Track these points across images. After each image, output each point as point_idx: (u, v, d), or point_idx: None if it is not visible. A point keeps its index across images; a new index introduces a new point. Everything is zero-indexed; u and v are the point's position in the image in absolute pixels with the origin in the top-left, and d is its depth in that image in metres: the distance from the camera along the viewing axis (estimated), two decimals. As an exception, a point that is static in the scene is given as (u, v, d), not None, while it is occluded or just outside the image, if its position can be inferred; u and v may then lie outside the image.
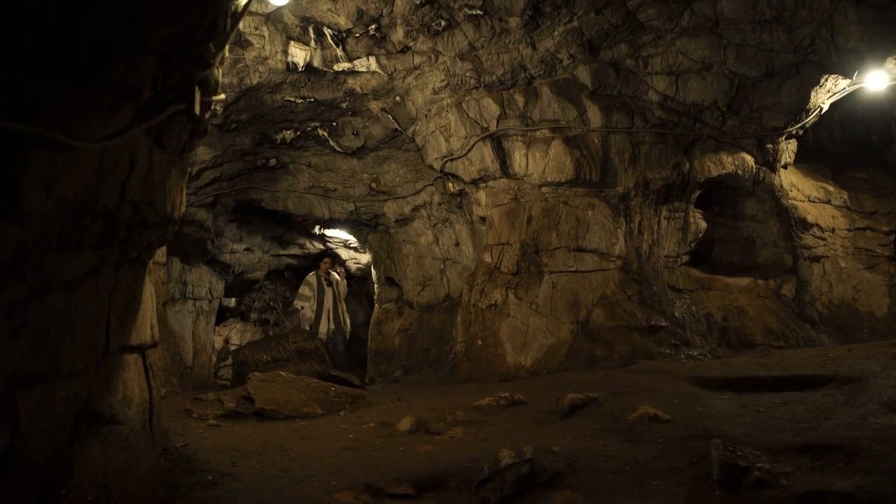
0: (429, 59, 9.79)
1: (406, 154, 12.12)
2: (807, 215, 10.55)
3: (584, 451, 4.85)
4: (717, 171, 10.03)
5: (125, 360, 4.54)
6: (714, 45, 9.11)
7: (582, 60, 9.48)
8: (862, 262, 10.65)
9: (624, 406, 5.73)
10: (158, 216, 4.11)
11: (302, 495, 4.18)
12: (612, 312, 9.24)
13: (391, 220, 12.99)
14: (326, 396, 6.95)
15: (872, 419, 4.78)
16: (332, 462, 4.88)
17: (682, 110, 9.65)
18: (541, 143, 9.65)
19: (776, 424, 4.99)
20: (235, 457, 4.88)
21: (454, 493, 4.53)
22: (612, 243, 9.54)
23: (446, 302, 12.44)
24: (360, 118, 11.31)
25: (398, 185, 12.54)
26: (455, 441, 5.42)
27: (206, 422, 6.26)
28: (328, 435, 5.71)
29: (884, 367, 6.00)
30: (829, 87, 9.52)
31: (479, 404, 6.30)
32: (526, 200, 9.84)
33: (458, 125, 10.14)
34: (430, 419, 5.91)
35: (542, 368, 8.98)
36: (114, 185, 3.43)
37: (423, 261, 12.92)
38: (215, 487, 4.17)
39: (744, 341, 9.51)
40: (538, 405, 6.24)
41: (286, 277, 20.00)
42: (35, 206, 2.87)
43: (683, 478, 4.33)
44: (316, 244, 15.77)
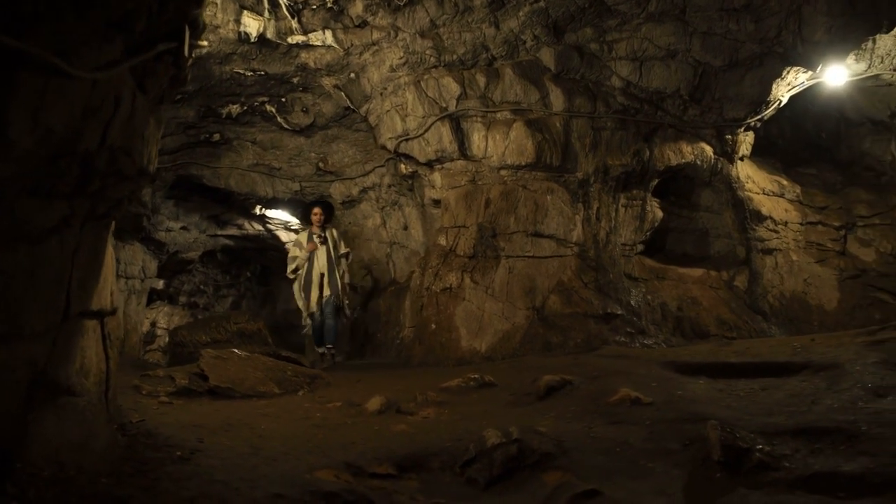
0: (388, 35, 9.51)
1: (356, 134, 11.82)
2: (761, 208, 10.60)
3: (570, 432, 4.67)
4: (676, 159, 9.98)
5: (85, 326, 4.20)
6: (680, 32, 9.03)
7: (546, 43, 9.32)
8: (813, 257, 10.74)
9: (601, 389, 5.58)
10: (134, 168, 3.77)
11: (280, 472, 3.91)
12: (569, 299, 9.10)
13: (337, 202, 12.66)
14: (284, 376, 6.65)
15: (862, 403, 4.72)
16: (305, 440, 4.62)
17: (644, 97, 9.58)
18: (501, 125, 9.46)
19: (763, 408, 4.90)
20: (200, 433, 4.57)
21: (437, 474, 4.32)
22: (570, 229, 9.41)
23: (392, 286, 12.18)
24: (310, 95, 10.97)
25: (347, 166, 12.22)
26: (429, 421, 5.21)
27: (157, 398, 5.91)
28: (294, 413, 5.43)
29: (857, 355, 5.97)
30: (790, 80, 9.56)
31: (447, 386, 6.09)
32: (484, 183, 9.64)
33: (416, 104, 9.88)
34: (399, 400, 5.68)
35: (496, 354, 8.80)
36: (97, 126, 3.11)
37: (369, 244, 12.63)
38: (188, 463, 3.87)
39: (698, 331, 9.49)
40: (509, 387, 6.06)
41: (219, 260, 19.49)
42: (20, 137, 2.55)
43: (679, 459, 4.19)
44: (255, 225, 15.31)
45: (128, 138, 3.49)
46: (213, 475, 3.70)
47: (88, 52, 2.78)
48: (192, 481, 3.56)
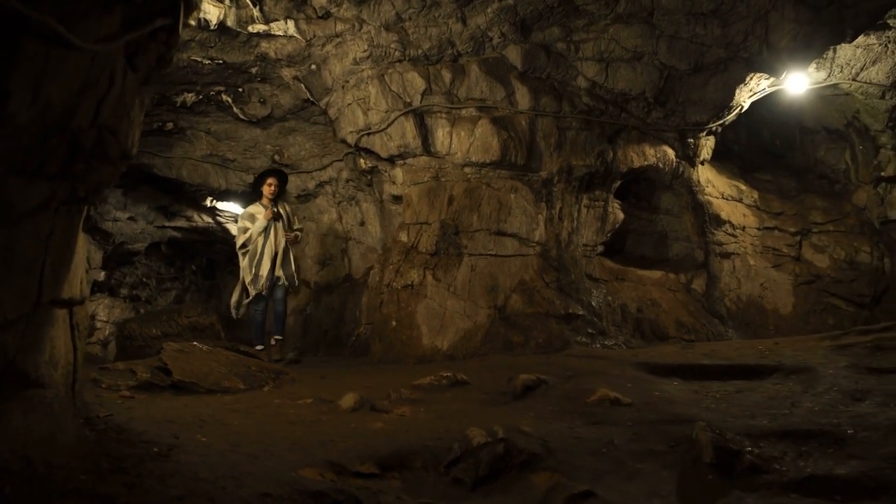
0: (352, 27, 9.35)
1: (314, 127, 11.64)
2: (720, 212, 10.69)
3: (553, 432, 4.61)
4: (639, 161, 10.00)
5: (55, 315, 4.01)
6: (647, 34, 9.05)
7: (513, 40, 9.26)
8: (769, 261, 10.86)
9: (578, 389, 5.53)
10: (119, 150, 3.60)
11: (265, 471, 3.76)
12: (531, 299, 9.06)
13: (292, 196, 12.44)
14: (248, 371, 6.47)
15: (842, 407, 4.74)
16: (283, 437, 4.47)
17: (609, 98, 9.58)
18: (466, 121, 9.38)
19: (743, 410, 4.89)
20: (174, 429, 4.39)
21: (420, 473, 4.21)
22: (533, 228, 9.36)
23: (347, 282, 12.03)
24: (269, 85, 10.76)
25: (303, 159, 12.03)
26: (406, 419, 5.09)
27: (118, 392, 5.70)
28: (265, 410, 5.27)
29: (826, 359, 6.03)
30: (753, 86, 9.65)
31: (419, 383, 5.97)
32: (447, 180, 9.55)
33: (380, 98, 9.74)
34: (372, 397, 5.55)
35: (458, 352, 8.72)
36: (90, 103, 2.94)
37: (324, 239, 12.45)
38: (168, 460, 3.70)
39: (657, 333, 9.52)
40: (482, 386, 5.98)
41: (163, 252, 19.06)
42: (20, 110, 2.39)
43: (667, 461, 4.15)
44: (205, 217, 15.00)
45: (117, 119, 3.32)
46: (196, 473, 3.54)
47: (89, 23, 2.62)
48: (176, 479, 3.41)
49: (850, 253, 10.96)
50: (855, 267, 10.85)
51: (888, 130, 11.12)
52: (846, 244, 11.01)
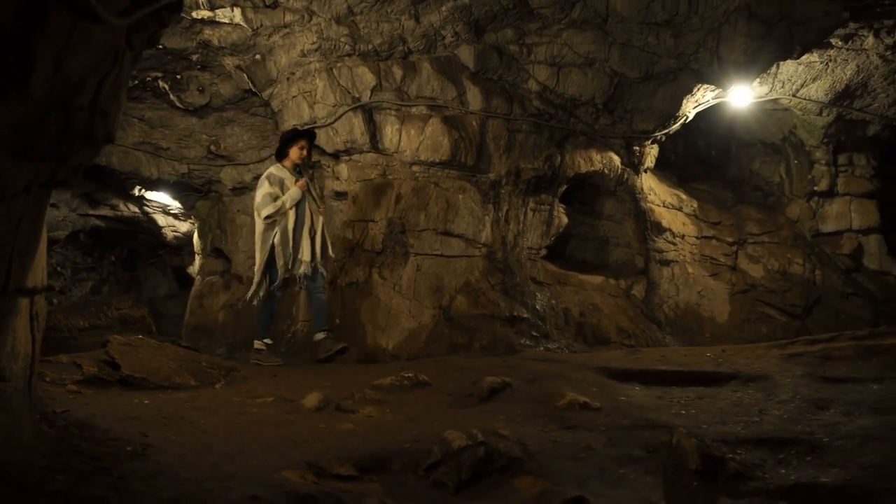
0: (301, 18, 9.18)
1: (253, 118, 11.38)
2: (662, 220, 10.83)
3: (529, 436, 4.56)
4: (586, 167, 10.06)
5: (19, 304, 3.79)
6: (600, 41, 9.11)
7: (466, 40, 9.21)
8: (707, 270, 11.06)
9: (544, 392, 5.50)
10: (105, 132, 3.39)
11: (246, 472, 3.62)
12: (476, 300, 9.02)
13: (227, 188, 12.13)
14: (199, 366, 6.25)
15: (809, 415, 4.82)
16: (254, 437, 4.32)
17: (559, 103, 9.61)
18: (417, 119, 9.29)
19: (713, 417, 4.93)
20: (140, 427, 4.20)
21: (398, 476, 4.11)
22: (480, 230, 9.33)
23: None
24: (209, 74, 10.49)
25: (241, 151, 11.73)
26: (374, 420, 4.98)
27: (64, 387, 5.43)
28: (228, 408, 5.09)
29: (781, 368, 6.14)
30: (699, 97, 9.81)
31: (379, 383, 5.86)
32: (395, 178, 9.44)
33: (327, 92, 9.57)
34: (335, 397, 5.42)
35: (403, 352, 8.63)
36: (95, 80, 2.75)
37: (259, 234, 12.16)
38: (146, 460, 3.53)
39: (599, 338, 9.59)
40: (445, 388, 5.90)
41: (81, 241, 18.42)
42: (41, 84, 2.22)
43: (648, 467, 4.14)
44: (132, 207, 14.52)
45: (110, 99, 3.13)
46: (179, 474, 3.38)
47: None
48: (161, 481, 3.24)
49: (783, 264, 11.25)
50: (788, 278, 11.15)
51: (823, 146, 11.48)
52: (780, 255, 11.30)
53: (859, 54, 9.52)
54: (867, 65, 9.77)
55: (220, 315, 12.24)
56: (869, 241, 11.61)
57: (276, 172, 8.37)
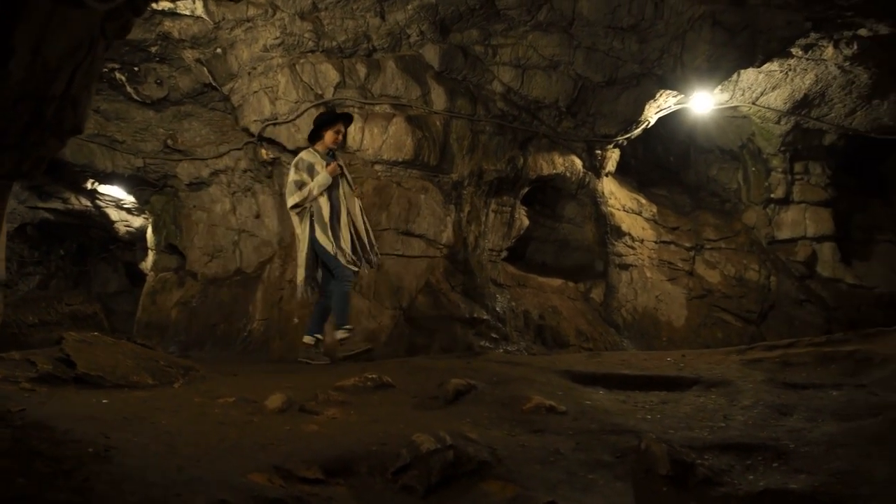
0: (265, 12, 9.07)
1: (212, 113, 11.19)
2: (621, 224, 10.89)
3: (496, 439, 4.50)
4: (548, 169, 10.07)
5: (-23, 298, 3.67)
6: (565, 44, 9.13)
7: (431, 39, 9.17)
8: (665, 275, 11.14)
9: (509, 395, 5.45)
10: (73, 123, 3.28)
11: (213, 475, 3.52)
12: (436, 301, 8.98)
13: (183, 183, 11.92)
14: (157, 365, 6.10)
15: (773, 421, 4.82)
16: (218, 439, 4.21)
17: (523, 105, 9.60)
18: (380, 118, 9.21)
19: (679, 422, 4.91)
20: (100, 427, 4.06)
21: (366, 479, 4.03)
22: (441, 230, 9.28)
23: (238, 276, 11.60)
24: (168, 66, 10.30)
25: (198, 146, 11.54)
26: (339, 422, 4.89)
27: (18, 385, 5.25)
28: (189, 409, 4.97)
29: (742, 374, 6.15)
30: (661, 102, 9.87)
31: (342, 385, 5.76)
32: (357, 176, 9.31)
33: (290, 88, 9.45)
34: (298, 398, 5.31)
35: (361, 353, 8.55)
36: (69, 68, 2.66)
37: (215, 230, 11.97)
38: (110, 462, 3.41)
39: (558, 340, 9.60)
40: (409, 389, 5.82)
41: (28, 234, 17.98)
42: (19, 70, 2.13)
43: (617, 472, 4.11)
44: (83, 200, 14.20)
45: (82, 88, 3.03)
46: (145, 478, 3.27)
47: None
48: (129, 485, 3.13)
49: (739, 270, 11.38)
50: (744, 284, 11.28)
51: (780, 154, 11.63)
52: (736, 261, 11.43)
53: (818, 64, 9.65)
54: (826, 75, 9.91)
55: (173, 312, 12.06)
56: (823, 248, 11.80)
57: (307, 157, 7.74)
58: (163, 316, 12.19)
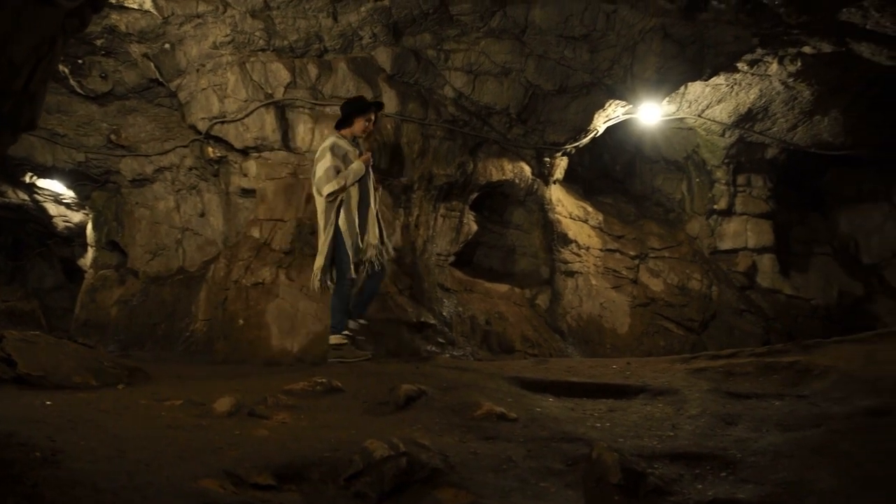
0: (216, 9, 8.97)
1: (158, 109, 10.99)
2: (568, 231, 10.97)
3: (448, 446, 4.52)
4: (497, 175, 10.12)
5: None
6: (517, 51, 9.18)
7: (383, 42, 9.15)
8: (609, 282, 11.25)
9: (460, 401, 5.47)
10: (29, 118, 3.19)
11: (164, 481, 3.47)
12: (383, 305, 8.94)
13: (126, 179, 11.67)
14: (100, 366, 5.99)
15: (720, 431, 4.92)
16: (167, 443, 4.15)
17: (474, 110, 9.63)
18: (331, 120, 9.10)
19: (628, 430, 4.98)
20: (46, 430, 3.98)
21: (318, 486, 4.01)
22: (390, 234, 9.22)
23: (180, 275, 11.40)
24: (113, 60, 10.10)
25: (143, 142, 11.31)
26: (289, 427, 4.86)
27: (-47, 385, 5.14)
28: (135, 411, 4.89)
29: (688, 382, 6.26)
30: (610, 112, 9.98)
31: (291, 388, 5.72)
32: (306, 177, 9.26)
33: (239, 86, 9.35)
34: (246, 401, 5.25)
35: (308, 355, 8.49)
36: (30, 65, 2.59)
37: (158, 228, 11.75)
38: (58, 467, 3.33)
39: (503, 346, 9.64)
40: (358, 394, 5.80)
41: (-45, 228, 17.49)
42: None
43: (568, 480, 4.15)
44: (20, 194, 13.85)
45: (40, 83, 2.96)
46: (95, 483, 3.20)
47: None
48: (79, 490, 3.07)
49: (682, 279, 11.55)
50: (686, 293, 11.45)
51: (724, 166, 11.85)
52: (679, 271, 11.59)
53: (763, 79, 9.85)
54: (769, 90, 10.13)
55: (113, 310, 11.80)
56: (763, 259, 12.05)
57: (338, 142, 7.44)
58: (102, 314, 11.92)
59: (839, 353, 6.66)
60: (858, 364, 6.21)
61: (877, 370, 5.94)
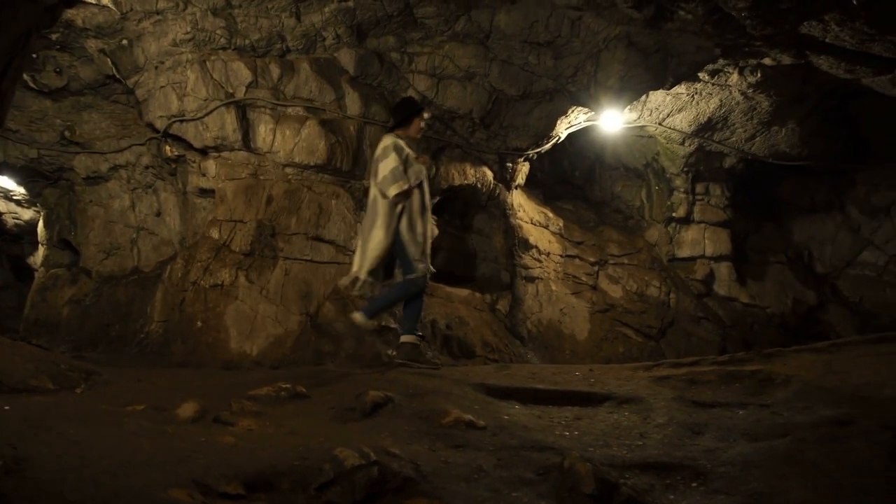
0: (176, 6, 8.85)
1: (113, 105, 10.80)
2: (529, 236, 10.97)
3: (419, 455, 4.45)
4: (460, 180, 10.08)
5: None
6: (481, 56, 9.16)
7: (347, 43, 9.09)
8: (569, 288, 11.26)
9: (427, 409, 5.40)
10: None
11: (133, 491, 3.37)
12: (344, 308, 8.87)
13: (80, 177, 11.44)
14: (57, 369, 5.83)
15: (688, 440, 4.91)
16: (133, 451, 4.03)
17: (437, 114, 9.59)
18: (293, 120, 9.06)
19: (596, 439, 4.96)
20: (7, 437, 3.83)
21: (288, 495, 3.92)
22: (351, 237, 9.18)
23: (135, 275, 11.20)
24: (68, 55, 9.90)
25: (98, 139, 11.10)
26: (257, 434, 4.75)
27: None
28: (98, 417, 4.74)
29: (652, 391, 6.25)
30: (572, 118, 10.01)
31: (256, 394, 5.61)
32: (266, 179, 9.16)
33: (199, 85, 9.21)
34: (210, 407, 5.14)
35: (267, 359, 8.39)
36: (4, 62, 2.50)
37: (112, 227, 11.53)
38: (23, 476, 3.21)
39: (464, 351, 9.60)
40: (323, 399, 5.71)
41: None
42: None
43: (541, 490, 4.11)
44: (-30, 191, 13.56)
45: (12, 82, 2.86)
46: (62, 494, 3.10)
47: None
48: (46, 501, 2.97)
49: (641, 286, 11.61)
50: (645, 300, 11.51)
51: (683, 174, 11.95)
52: (638, 277, 11.66)
53: (723, 90, 9.95)
54: (729, 100, 10.23)
55: (64, 310, 11.58)
56: (720, 267, 12.16)
57: (402, 144, 6.96)
58: (53, 314, 11.68)
59: (799, 362, 6.72)
60: (818, 373, 6.27)
61: (835, 380, 6.00)
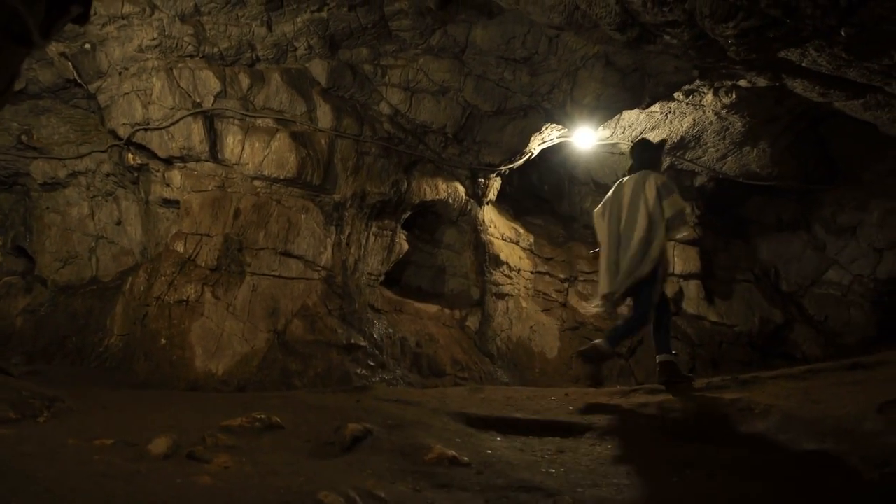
0: (142, 10, 8.58)
1: (73, 110, 10.47)
2: (500, 253, 10.83)
3: (404, 497, 4.27)
4: (431, 195, 9.92)
5: None
6: (456, 70, 9.01)
7: (319, 54, 8.88)
8: (539, 305, 11.15)
9: (409, 443, 5.22)
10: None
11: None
12: (313, 326, 8.66)
13: (37, 182, 11.08)
14: (19, 396, 5.55)
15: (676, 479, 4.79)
16: (105, 497, 3.80)
17: (410, 128, 9.43)
18: (262, 132, 8.82)
19: (584, 477, 4.81)
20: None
21: (270, 545, 3.75)
22: (320, 252, 8.97)
23: (94, 286, 10.87)
24: (27, 57, 9.54)
25: (56, 144, 10.76)
26: (233, 473, 4.53)
27: None
28: (65, 455, 4.48)
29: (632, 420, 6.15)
30: (546, 135, 9.90)
31: (229, 424, 5.39)
32: (234, 191, 8.91)
33: (165, 93, 8.94)
34: (182, 441, 4.91)
35: (233, 378, 8.14)
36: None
37: (70, 235, 11.19)
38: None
39: (434, 369, 9.44)
40: (299, 431, 5.50)
41: None
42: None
43: (534, 538, 3.98)
44: (-80, 193, 13.05)
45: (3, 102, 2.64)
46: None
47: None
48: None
49: (610, 304, 11.49)
50: (614, 318, 11.39)
51: (654, 192, 11.85)
52: (608, 294, 11.54)
53: (697, 109, 9.89)
54: (703, 120, 10.19)
55: (18, 320, 11.20)
56: (689, 286, 12.10)
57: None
58: (6, 324, 11.28)
59: (777, 389, 6.64)
60: (797, 402, 6.18)
61: (816, 410, 5.91)
